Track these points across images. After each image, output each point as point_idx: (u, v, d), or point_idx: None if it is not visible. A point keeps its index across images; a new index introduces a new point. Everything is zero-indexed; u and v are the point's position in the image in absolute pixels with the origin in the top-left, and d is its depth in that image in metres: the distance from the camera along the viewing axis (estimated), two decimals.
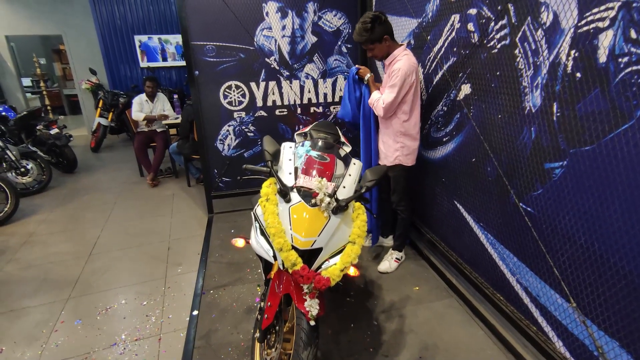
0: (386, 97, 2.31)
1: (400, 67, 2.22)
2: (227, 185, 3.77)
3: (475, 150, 2.18)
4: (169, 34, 7.13)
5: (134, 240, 3.37)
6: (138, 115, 4.71)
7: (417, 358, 2.01)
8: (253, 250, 1.85)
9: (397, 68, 2.24)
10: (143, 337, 2.24)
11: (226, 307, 2.45)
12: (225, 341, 2.16)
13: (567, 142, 1.56)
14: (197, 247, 3.19)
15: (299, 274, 1.49)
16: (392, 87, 2.27)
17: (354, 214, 1.67)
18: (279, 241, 1.51)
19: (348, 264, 1.57)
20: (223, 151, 3.65)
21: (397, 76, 2.23)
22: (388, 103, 2.30)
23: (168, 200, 4.24)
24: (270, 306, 1.68)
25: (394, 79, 2.24)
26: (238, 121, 3.59)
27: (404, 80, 2.22)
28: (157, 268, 2.93)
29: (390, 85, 2.27)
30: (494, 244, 2.12)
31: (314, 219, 1.56)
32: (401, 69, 2.21)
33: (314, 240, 1.55)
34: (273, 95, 3.59)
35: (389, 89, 2.29)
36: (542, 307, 1.82)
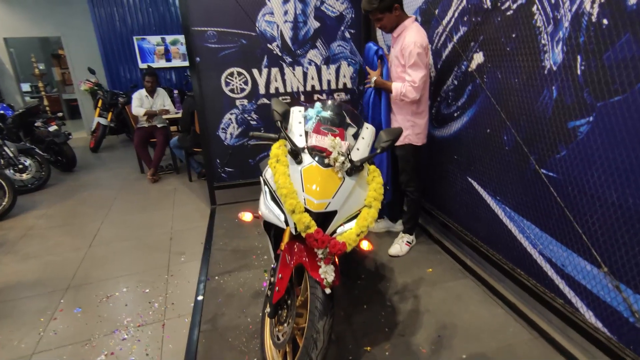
0: (414, 76, 2.16)
1: (414, 39, 2.12)
2: (230, 175, 3.68)
3: (490, 121, 2.09)
4: (168, 34, 7.10)
5: (134, 232, 3.27)
6: (138, 111, 4.64)
7: (436, 337, 1.91)
8: (263, 220, 1.75)
9: (410, 41, 2.13)
10: (146, 323, 2.13)
11: (232, 292, 2.34)
12: (233, 324, 2.05)
13: (594, 95, 1.48)
14: (200, 237, 3.09)
15: (313, 237, 1.39)
16: (413, 65, 2.15)
17: (370, 177, 1.58)
18: (291, 202, 1.41)
19: (365, 228, 1.48)
20: (225, 140, 3.57)
21: (414, 51, 2.11)
22: (419, 80, 2.16)
23: (169, 195, 4.15)
24: (281, 278, 1.58)
25: (412, 58, 2.13)
26: (240, 109, 3.51)
27: (422, 49, 2.13)
28: (159, 257, 2.83)
29: (411, 64, 2.16)
30: (512, 217, 2.02)
31: (328, 180, 1.47)
32: (415, 42, 2.11)
33: (328, 203, 1.45)
34: (276, 82, 3.52)
35: (411, 68, 2.17)
36: (569, 277, 1.71)
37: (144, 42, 6.98)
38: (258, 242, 2.92)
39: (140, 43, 6.95)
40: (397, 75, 2.34)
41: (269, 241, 1.95)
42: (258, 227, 3.17)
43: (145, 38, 6.93)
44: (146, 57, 7.06)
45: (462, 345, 1.84)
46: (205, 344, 1.92)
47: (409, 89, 2.20)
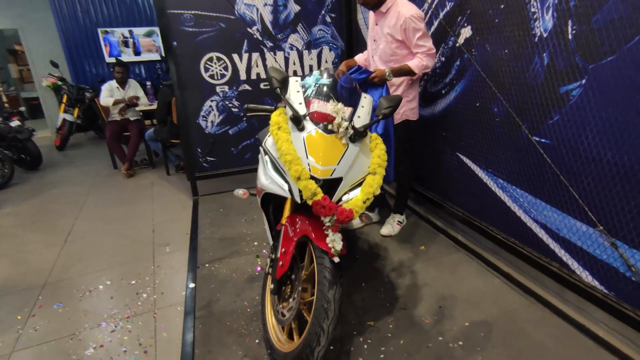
0: (428, 44, 2.13)
1: (412, 12, 2.07)
2: (212, 165, 3.57)
3: (479, 94, 2.12)
4: (136, 26, 6.82)
5: (113, 226, 3.10)
6: (107, 101, 4.41)
7: (437, 308, 1.91)
8: (261, 195, 1.69)
9: (409, 15, 2.06)
10: (135, 314, 2.02)
11: (225, 278, 2.26)
12: (229, 309, 1.98)
13: (585, 58, 1.52)
14: (184, 228, 2.98)
15: (320, 204, 1.35)
16: (423, 36, 2.12)
17: (372, 144, 1.55)
18: (296, 169, 1.36)
19: (370, 195, 1.45)
20: (206, 128, 3.46)
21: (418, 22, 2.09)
22: (432, 46, 2.15)
23: (147, 188, 3.98)
24: (285, 252, 1.53)
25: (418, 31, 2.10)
26: (221, 96, 3.41)
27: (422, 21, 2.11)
28: (143, 249, 2.70)
29: (419, 36, 2.11)
30: (504, 188, 2.06)
31: (332, 146, 1.43)
32: (414, 15, 2.06)
33: (333, 169, 1.42)
34: (257, 68, 3.44)
35: (421, 39, 2.12)
36: (564, 240, 1.76)
37: (111, 35, 6.67)
38: (246, 230, 2.85)
39: (108, 36, 6.65)
40: (391, 53, 2.24)
41: (265, 219, 1.89)
42: (245, 215, 3.09)
43: (108, 31, 6.63)
44: (115, 50, 6.76)
45: (463, 314, 1.86)
46: (202, 330, 1.84)
47: (429, 58, 2.16)
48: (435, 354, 1.63)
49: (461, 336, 1.72)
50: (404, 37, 2.15)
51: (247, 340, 1.76)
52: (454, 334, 1.73)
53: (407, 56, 2.22)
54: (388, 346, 1.69)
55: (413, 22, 2.08)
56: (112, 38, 6.76)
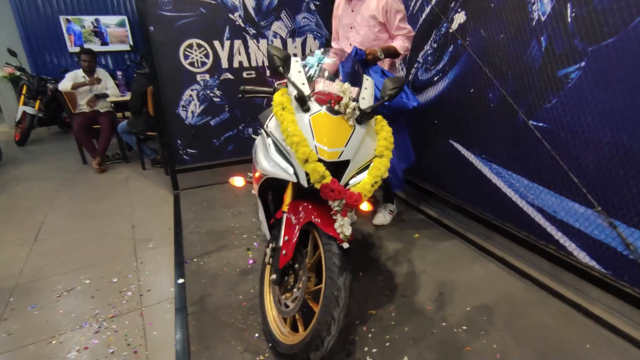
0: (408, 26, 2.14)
1: None
2: (193, 158, 3.42)
3: (473, 80, 2.12)
4: (102, 14, 6.47)
5: (88, 222, 2.91)
6: (65, 85, 4.11)
7: (437, 294, 1.90)
8: (259, 182, 1.60)
9: None
10: (120, 313, 1.89)
11: (216, 272, 2.16)
12: (224, 303, 1.89)
13: (585, 41, 1.53)
14: (166, 223, 2.83)
15: (329, 187, 1.29)
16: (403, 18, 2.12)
17: (378, 126, 1.50)
18: (304, 151, 1.29)
19: (378, 178, 1.41)
20: (187, 119, 3.30)
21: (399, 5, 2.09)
22: (411, 30, 2.16)
23: (122, 183, 3.76)
24: (287, 240, 1.46)
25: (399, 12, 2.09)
26: (202, 85, 3.27)
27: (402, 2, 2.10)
28: (123, 246, 2.54)
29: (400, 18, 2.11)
30: (499, 174, 2.07)
31: (339, 128, 1.37)
32: None
33: (341, 151, 1.36)
34: (239, 56, 3.32)
35: (402, 21, 2.12)
36: (560, 222, 1.79)
37: (74, 24, 6.29)
38: (234, 223, 2.74)
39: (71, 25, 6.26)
40: (374, 37, 2.20)
41: (261, 208, 1.80)
42: (231, 209, 2.98)
43: (72, 20, 6.25)
44: (79, 41, 6.38)
45: (463, 299, 1.85)
46: (196, 326, 1.74)
47: (409, 40, 2.18)
48: (440, 340, 1.61)
49: (464, 321, 1.71)
50: (385, 18, 2.13)
51: (246, 335, 1.68)
52: (457, 319, 1.72)
53: (387, 40, 2.21)
54: (392, 334, 1.65)
55: (395, 2, 2.08)
56: (75, 27, 6.38)
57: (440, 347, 1.57)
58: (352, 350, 1.57)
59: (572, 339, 1.59)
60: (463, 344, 1.58)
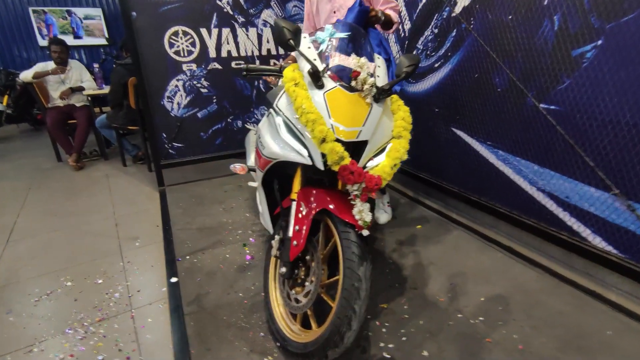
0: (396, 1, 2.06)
1: None
2: (179, 152, 3.25)
3: (478, 65, 2.06)
4: (75, 6, 6.17)
5: (66, 220, 2.70)
6: (26, 74, 3.85)
7: (449, 285, 1.82)
8: (265, 169, 1.48)
9: None
10: (108, 316, 1.72)
11: (212, 269, 2.01)
12: (223, 302, 1.75)
13: (602, 18, 1.48)
14: (153, 220, 2.66)
15: (349, 169, 1.19)
16: None
17: (394, 106, 1.41)
18: (321, 129, 1.18)
19: (397, 160, 1.31)
20: (172, 111, 3.13)
21: None
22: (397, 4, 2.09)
23: (101, 181, 3.54)
24: (298, 230, 1.34)
25: None
26: (188, 75, 3.10)
27: None
28: (107, 245, 2.35)
29: None
30: (506, 160, 2.01)
31: (356, 105, 1.27)
32: None
33: (359, 131, 1.25)
34: (228, 45, 3.17)
35: None
36: (574, 207, 1.74)
37: (53, 16, 5.97)
38: (226, 218, 2.59)
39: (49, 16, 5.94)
40: None
41: (263, 198, 1.68)
42: (222, 204, 2.83)
43: (46, 12, 5.91)
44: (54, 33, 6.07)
45: (476, 289, 1.78)
46: (195, 327, 1.60)
47: (398, 12, 2.10)
48: (458, 332, 1.53)
49: (480, 312, 1.64)
50: None
51: (251, 334, 1.55)
52: (472, 310, 1.65)
53: None
54: (408, 327, 1.56)
55: None
56: (53, 19, 6.07)
57: (459, 339, 1.49)
58: (367, 347, 1.47)
59: (592, 326, 1.53)
60: (483, 336, 1.50)
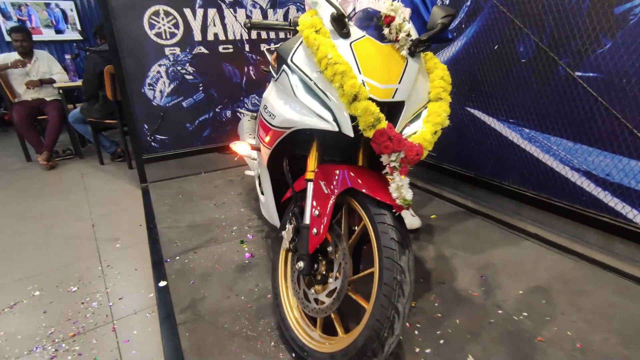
0: None
1: None
2: (162, 145, 2.96)
3: (498, 35, 1.87)
4: None
5: (35, 223, 2.38)
6: None
7: (479, 278, 1.61)
8: (270, 147, 1.23)
9: None
10: (85, 330, 1.44)
11: (207, 270, 1.75)
12: (222, 307, 1.49)
13: None
14: (135, 220, 2.37)
15: (387, 134, 0.95)
16: None
17: (430, 63, 1.18)
18: (352, 84, 0.95)
19: (439, 127, 1.09)
20: (154, 100, 2.84)
21: None
22: None
23: (76, 180, 3.21)
24: (319, 215, 1.10)
25: None
26: (171, 59, 2.82)
27: None
28: (82, 247, 2.05)
29: None
30: (533, 139, 1.83)
31: (389, 59, 1.04)
32: None
33: (395, 89, 1.03)
34: (214, 27, 2.90)
35: None
36: (617, 186, 1.56)
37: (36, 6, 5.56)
38: (218, 214, 2.32)
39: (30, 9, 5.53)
40: None
41: (268, 183, 1.43)
42: (212, 199, 2.56)
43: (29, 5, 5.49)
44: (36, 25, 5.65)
45: (510, 281, 1.58)
46: (191, 338, 1.34)
47: None
48: (504, 331, 1.32)
49: (522, 307, 1.43)
50: None
51: (259, 344, 1.30)
52: (513, 305, 1.44)
53: None
54: (443, 328, 1.34)
55: None
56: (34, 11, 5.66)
57: (506, 339, 1.28)
58: (400, 354, 1.24)
59: None
60: (532, 334, 1.29)
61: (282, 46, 1.15)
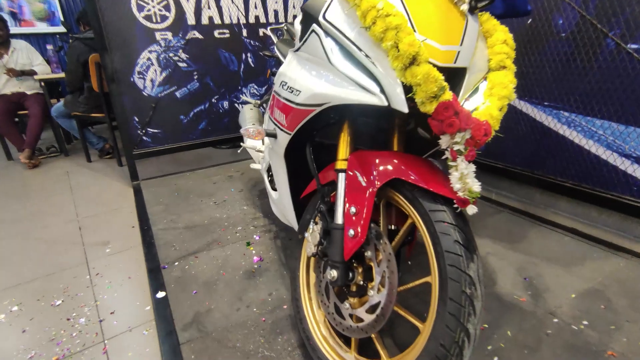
0: None
1: None
2: (155, 139, 2.72)
3: (532, 7, 1.67)
4: None
5: (15, 227, 2.13)
6: None
7: (523, 281, 1.43)
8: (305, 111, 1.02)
9: None
10: (71, 352, 1.22)
11: (211, 277, 1.54)
12: (232, 322, 1.28)
13: None
14: (127, 221, 2.14)
15: (453, 108, 0.75)
16: None
17: (488, 24, 0.97)
18: (410, 41, 0.74)
19: (506, 101, 0.89)
20: (145, 89, 2.60)
21: None
22: None
23: (61, 179, 2.96)
24: (357, 213, 0.90)
25: None
26: (163, 45, 2.58)
27: None
28: (67, 253, 1.82)
29: None
30: (573, 123, 1.64)
31: (447, 14, 0.83)
32: None
33: (457, 52, 0.82)
34: (209, 10, 2.66)
35: None
36: None
37: None
38: (220, 214, 2.11)
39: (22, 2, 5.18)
40: None
41: (283, 178, 1.22)
42: (212, 197, 2.34)
43: None
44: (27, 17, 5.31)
45: (559, 283, 1.40)
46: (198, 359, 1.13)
47: None
48: (565, 344, 1.13)
49: (580, 313, 1.25)
50: None
51: None
52: (569, 312, 1.25)
53: None
54: (494, 342, 1.15)
55: None
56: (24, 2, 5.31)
57: (571, 354, 1.09)
58: None
59: None
60: (599, 348, 1.11)
61: (309, 2, 0.94)
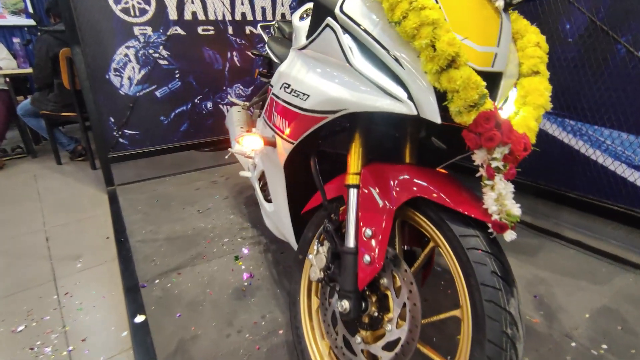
0: None
1: None
2: (132, 141, 2.53)
3: (538, 11, 1.61)
4: None
5: None
6: None
7: (533, 298, 1.35)
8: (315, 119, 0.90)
9: None
10: None
11: (196, 297, 1.39)
12: (222, 351, 1.14)
13: None
14: (101, 231, 1.96)
15: (495, 119, 0.64)
16: None
17: (519, 24, 0.87)
18: (449, 40, 0.62)
19: (542, 110, 0.79)
20: (121, 88, 2.41)
21: None
22: None
23: (28, 183, 2.72)
24: (372, 236, 0.78)
25: None
26: (142, 41, 2.40)
27: None
28: (32, 269, 1.64)
29: None
30: (579, 131, 1.58)
31: (482, 11, 0.72)
32: None
33: (495, 54, 0.71)
34: (192, 5, 2.50)
35: None
36: None
37: None
38: (204, 223, 1.95)
39: None
40: None
41: (281, 190, 1.10)
42: (196, 204, 2.18)
43: None
44: None
45: (571, 302, 1.32)
46: None
47: None
48: None
49: (597, 335, 1.17)
50: None
51: None
52: (586, 335, 1.18)
53: None
54: None
55: None
56: None
57: None
58: None
59: None
60: None
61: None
